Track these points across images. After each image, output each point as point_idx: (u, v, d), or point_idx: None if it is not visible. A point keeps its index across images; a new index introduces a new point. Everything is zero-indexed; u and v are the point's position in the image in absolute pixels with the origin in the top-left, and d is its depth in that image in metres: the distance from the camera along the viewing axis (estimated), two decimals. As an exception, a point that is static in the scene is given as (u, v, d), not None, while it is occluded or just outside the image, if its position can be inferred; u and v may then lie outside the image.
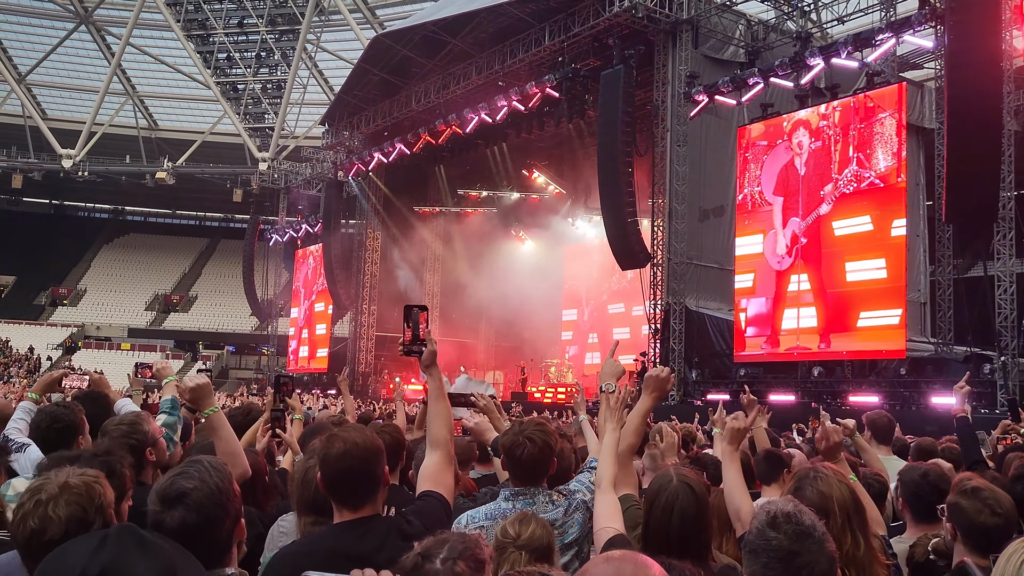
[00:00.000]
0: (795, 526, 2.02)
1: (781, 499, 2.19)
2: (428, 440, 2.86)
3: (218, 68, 45.68)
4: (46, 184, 50.30)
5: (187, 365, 46.28)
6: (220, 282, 53.52)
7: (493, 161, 32.99)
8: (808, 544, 2.00)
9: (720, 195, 22.77)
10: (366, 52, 32.15)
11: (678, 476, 2.80)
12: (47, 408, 4.04)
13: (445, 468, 2.86)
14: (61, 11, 46.72)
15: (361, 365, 35.11)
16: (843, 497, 2.59)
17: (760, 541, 2.04)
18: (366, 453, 2.59)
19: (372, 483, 2.61)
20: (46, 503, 2.12)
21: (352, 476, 2.58)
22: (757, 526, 2.07)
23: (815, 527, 2.04)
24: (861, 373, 18.67)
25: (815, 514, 2.12)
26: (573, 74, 23.78)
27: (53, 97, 51.57)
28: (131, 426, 3.45)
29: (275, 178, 41.17)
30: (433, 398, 2.97)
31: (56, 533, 2.08)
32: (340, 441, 2.60)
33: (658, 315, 22.43)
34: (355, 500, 2.59)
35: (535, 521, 2.72)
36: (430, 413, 2.94)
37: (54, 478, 2.19)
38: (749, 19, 23.12)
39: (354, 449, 2.57)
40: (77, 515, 2.12)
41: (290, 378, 5.00)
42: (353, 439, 2.60)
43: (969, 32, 16.00)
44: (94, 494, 2.18)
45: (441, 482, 2.81)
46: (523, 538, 2.65)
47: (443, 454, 2.87)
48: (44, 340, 46.26)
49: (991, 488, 3.00)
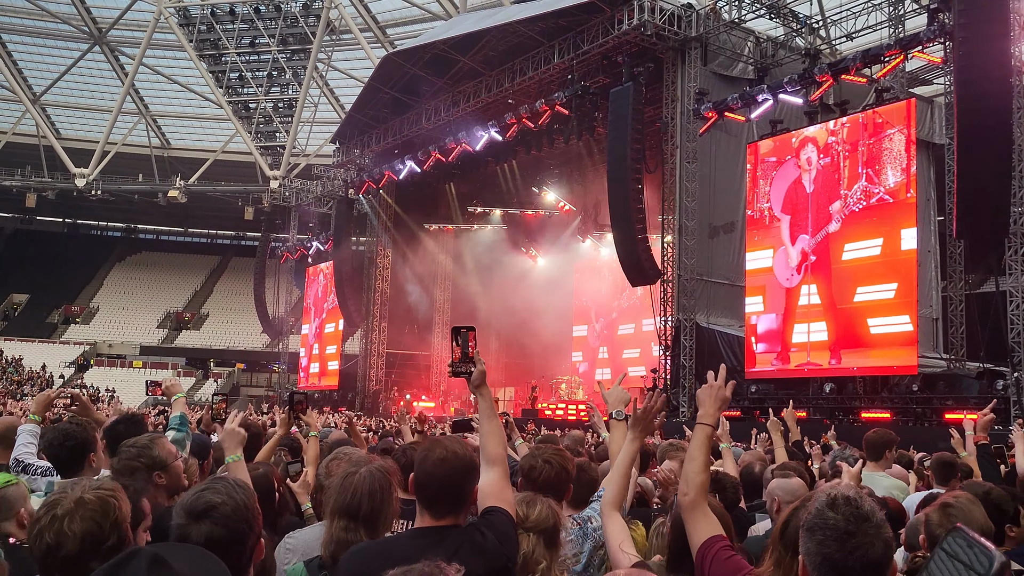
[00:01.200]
0: (854, 509, 2.03)
1: (844, 487, 2.21)
2: (483, 458, 2.89)
3: (230, 87, 46.03)
4: (59, 203, 50.71)
5: (198, 382, 46.39)
6: (231, 300, 53.73)
7: (503, 178, 33.11)
8: (865, 527, 2.01)
9: (730, 211, 22.77)
10: (377, 71, 32.37)
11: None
12: (60, 426, 4.04)
13: (505, 484, 2.87)
14: (75, 32, 47.22)
15: (371, 382, 35.12)
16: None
17: (817, 519, 2.05)
18: (462, 466, 2.66)
19: (460, 495, 2.67)
20: (61, 518, 2.11)
21: (444, 484, 2.64)
22: (817, 507, 2.08)
23: (874, 513, 2.05)
24: (873, 389, 18.57)
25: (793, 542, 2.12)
26: (583, 92, 23.88)
27: (67, 117, 52.06)
28: (141, 448, 3.41)
29: (286, 196, 41.37)
30: (485, 417, 2.99)
31: (72, 549, 2.08)
32: (442, 448, 2.68)
33: (668, 332, 22.40)
34: (440, 508, 2.64)
35: (540, 502, 2.77)
36: (483, 432, 2.96)
37: (70, 492, 2.19)
38: (758, 36, 23.19)
39: (452, 459, 2.64)
40: (92, 531, 2.12)
41: (304, 395, 5.02)
42: (454, 449, 2.68)
43: (978, 48, 16.01)
44: (109, 509, 2.17)
45: (503, 498, 2.82)
46: (531, 520, 2.70)
47: (500, 471, 2.87)
48: (57, 358, 46.47)
49: (965, 507, 2.95)
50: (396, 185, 33.59)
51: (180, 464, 3.54)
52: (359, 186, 33.95)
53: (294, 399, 4.90)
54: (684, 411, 20.76)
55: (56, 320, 52.71)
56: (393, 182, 32.83)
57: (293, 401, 4.88)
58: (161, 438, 3.58)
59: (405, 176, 31.36)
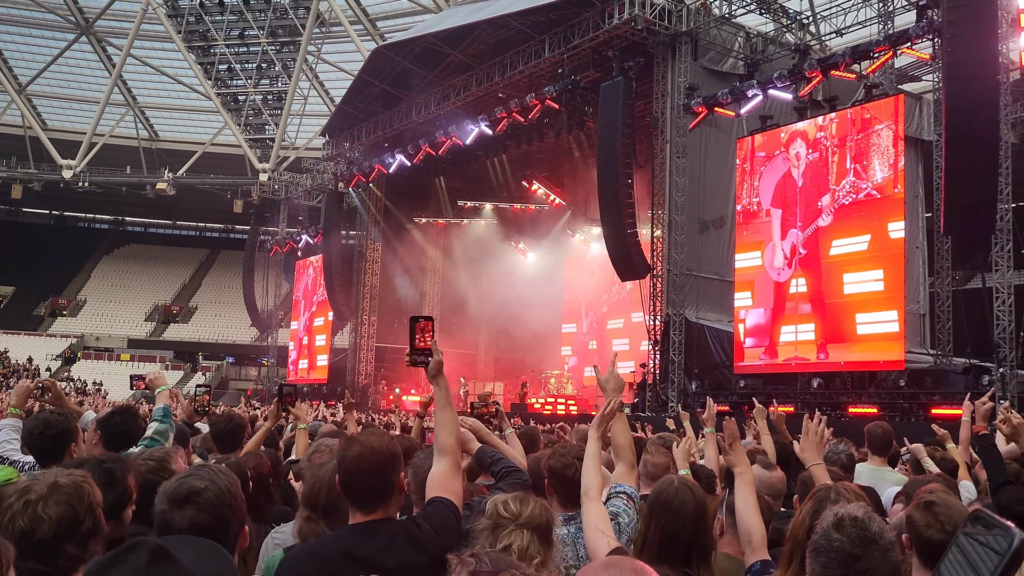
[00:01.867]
0: (860, 531, 2.02)
1: (853, 504, 2.19)
2: (436, 448, 2.91)
3: (219, 79, 45.78)
4: (46, 195, 50.33)
5: (187, 376, 46.24)
6: (220, 293, 53.55)
7: (493, 172, 33.08)
8: (871, 550, 2.00)
9: (720, 206, 22.82)
10: (367, 64, 32.27)
11: (680, 479, 2.84)
12: (41, 414, 4.02)
13: (453, 475, 2.90)
14: (62, 22, 46.86)
15: (360, 376, 35.09)
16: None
17: (824, 541, 2.04)
18: (382, 458, 2.63)
19: (386, 487, 2.64)
20: (35, 503, 2.10)
21: (366, 479, 2.62)
22: (823, 527, 2.07)
23: (882, 535, 2.03)
24: (861, 384, 18.67)
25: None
26: (573, 86, 23.87)
27: (53, 108, 51.69)
28: (159, 463, 3.30)
29: (275, 189, 41.22)
30: (440, 407, 3.01)
31: (46, 533, 2.07)
32: (359, 444, 2.64)
33: (658, 326, 22.45)
34: (369, 503, 2.62)
35: (533, 500, 2.79)
36: (437, 422, 2.97)
37: (42, 478, 2.18)
38: (748, 31, 23.23)
39: (371, 453, 2.61)
40: (68, 515, 2.11)
41: (293, 388, 5.02)
42: (371, 443, 2.65)
43: (967, 45, 16.08)
44: (83, 494, 2.16)
45: (450, 489, 2.85)
46: (524, 516, 2.71)
47: (451, 461, 2.90)
48: (43, 351, 46.24)
49: (947, 503, 2.95)
50: (386, 179, 33.50)
51: None
52: (349, 179, 33.86)
53: (283, 392, 4.90)
54: (672, 406, 20.81)
55: (43, 313, 52.43)
56: (383, 175, 32.75)
57: (282, 394, 4.88)
58: (171, 451, 3.52)
59: (395, 170, 31.29)
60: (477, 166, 32.08)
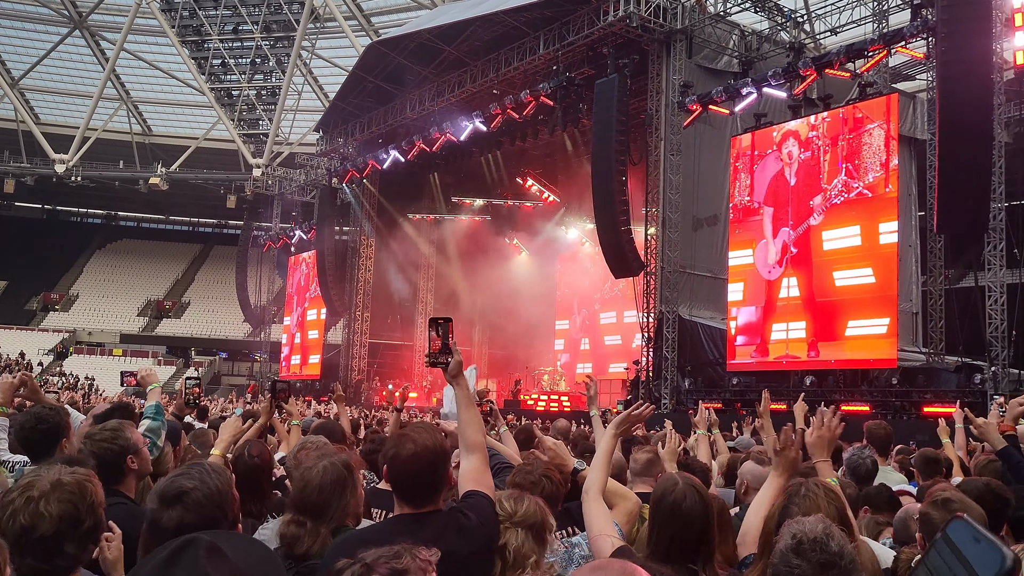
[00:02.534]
0: (821, 555, 1.96)
1: (811, 520, 2.11)
2: (463, 446, 2.91)
3: (213, 74, 45.64)
4: (39, 189, 50.18)
5: (179, 371, 46.14)
6: (213, 288, 53.42)
7: (487, 169, 33.08)
8: (831, 574, 1.94)
9: (713, 204, 22.86)
10: (361, 59, 32.20)
11: (684, 479, 2.83)
12: (32, 409, 4.00)
13: (484, 470, 2.91)
14: (55, 16, 46.65)
15: (354, 372, 35.05)
16: (830, 514, 2.59)
17: (783, 567, 1.99)
18: (434, 456, 2.64)
19: (437, 483, 2.66)
20: (38, 500, 2.09)
21: (419, 478, 2.63)
22: (782, 549, 2.02)
23: (843, 555, 1.97)
24: (853, 382, 18.72)
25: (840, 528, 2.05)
26: (567, 83, 23.85)
27: (47, 102, 51.44)
28: (113, 432, 3.39)
29: (269, 184, 41.12)
30: (463, 406, 3.01)
31: (47, 530, 2.06)
32: (411, 443, 2.65)
33: (651, 324, 22.48)
34: (421, 498, 2.64)
35: (528, 498, 2.79)
36: (461, 420, 2.97)
37: (45, 475, 2.16)
38: (743, 29, 23.25)
39: (424, 452, 2.63)
40: (69, 513, 2.10)
41: (287, 384, 5.01)
42: (424, 441, 2.65)
43: (961, 44, 16.11)
44: (86, 492, 2.15)
45: (483, 482, 2.85)
46: (519, 514, 2.72)
47: (479, 457, 2.91)
48: (35, 345, 46.07)
49: (962, 499, 2.96)
50: (380, 174, 33.45)
51: (146, 450, 3.54)
52: (342, 175, 33.81)
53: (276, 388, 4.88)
54: (666, 403, 20.86)
55: (35, 307, 52.24)
56: (377, 171, 32.71)
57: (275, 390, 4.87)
58: (127, 421, 3.57)
59: (389, 165, 31.25)
60: (471, 162, 32.08)
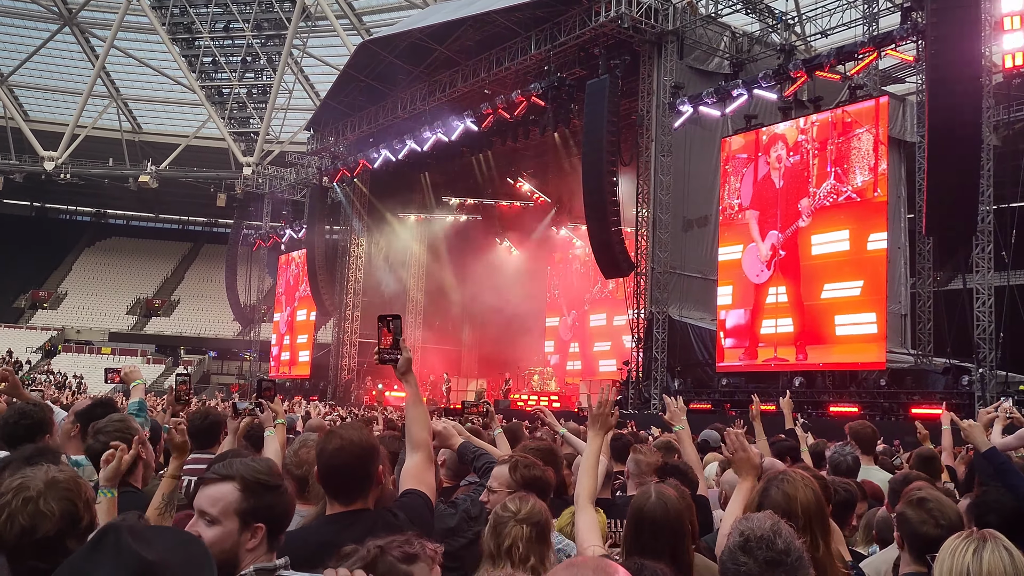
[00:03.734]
0: (767, 552, 1.95)
1: (760, 516, 2.12)
2: (408, 443, 2.95)
3: (203, 72, 45.53)
4: (27, 186, 49.91)
5: (168, 370, 45.96)
6: (202, 287, 53.25)
7: (478, 169, 33.02)
8: (778, 572, 1.94)
9: (704, 205, 22.89)
10: (352, 58, 32.14)
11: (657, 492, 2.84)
12: (16, 405, 3.99)
13: (426, 468, 2.97)
14: (45, 12, 46.43)
15: (343, 371, 34.96)
16: (807, 500, 2.60)
17: (731, 564, 1.99)
18: (361, 451, 2.68)
19: (364, 480, 2.70)
20: (35, 499, 2.01)
21: (346, 472, 2.68)
22: (730, 546, 2.01)
23: (789, 551, 1.96)
24: (842, 384, 18.78)
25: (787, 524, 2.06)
26: (559, 83, 23.86)
27: (36, 99, 51.20)
28: (122, 422, 3.45)
29: (259, 183, 41.00)
30: (411, 404, 3.04)
31: (50, 529, 1.99)
32: (337, 438, 2.71)
33: (641, 324, 22.50)
34: (347, 495, 2.69)
35: (532, 499, 2.82)
36: (409, 418, 2.99)
37: (33, 474, 2.08)
38: (734, 31, 23.30)
39: (349, 446, 2.67)
40: (69, 510, 2.04)
41: (272, 383, 5.00)
42: (350, 437, 2.70)
43: (950, 47, 16.18)
44: (80, 489, 2.10)
45: (424, 481, 2.92)
46: (523, 512, 2.73)
47: (424, 455, 2.97)
48: (23, 343, 45.83)
49: (938, 499, 2.97)
50: (370, 174, 33.39)
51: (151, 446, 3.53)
52: (333, 174, 33.74)
53: (262, 386, 4.86)
54: (655, 403, 20.87)
55: (23, 305, 51.96)
56: (367, 170, 32.64)
57: (261, 388, 4.85)
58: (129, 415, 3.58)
59: (380, 165, 31.20)
60: (462, 162, 32.03)
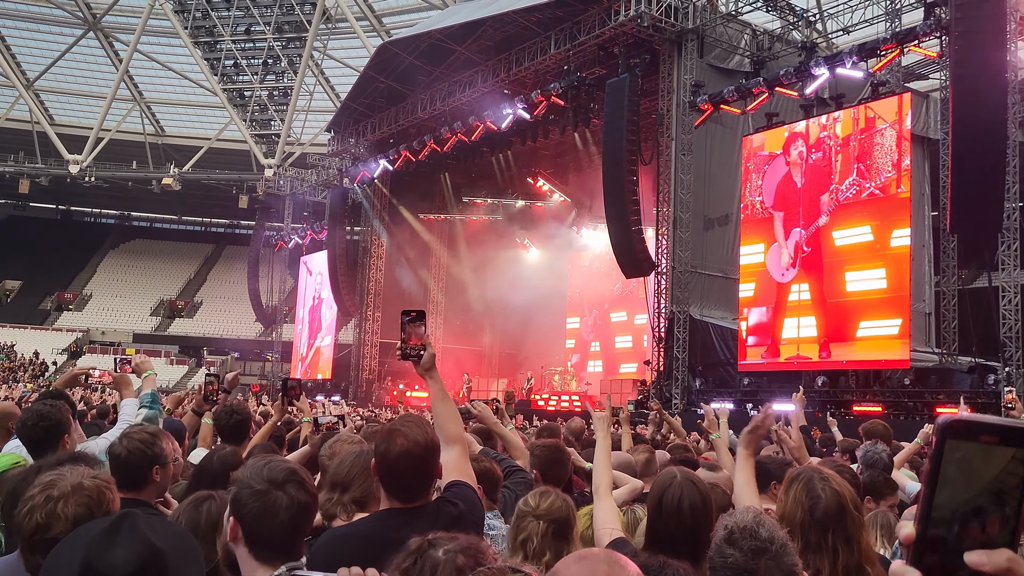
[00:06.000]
0: (751, 541, 2.01)
1: (742, 511, 2.18)
2: (442, 438, 2.92)
3: (225, 75, 45.84)
4: (53, 189, 50.48)
5: (191, 371, 46.35)
6: (225, 288, 53.61)
7: (498, 169, 33.06)
8: (764, 560, 1.99)
9: (725, 204, 22.80)
10: (372, 60, 32.27)
11: (682, 473, 2.84)
12: (34, 406, 4.02)
13: (464, 461, 2.93)
14: (70, 18, 46.93)
15: (365, 372, 35.12)
16: (851, 494, 2.59)
17: (718, 559, 2.04)
18: (425, 452, 2.61)
19: (429, 478, 2.64)
20: (57, 499, 2.13)
21: (410, 473, 2.61)
22: (716, 542, 2.07)
23: (773, 540, 2.02)
24: (865, 383, 18.64)
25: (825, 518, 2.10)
26: (578, 82, 23.84)
27: (61, 103, 51.75)
28: (151, 436, 3.30)
29: (281, 184, 41.24)
30: (438, 400, 3.03)
31: (61, 531, 2.09)
32: (402, 438, 2.61)
33: (662, 324, 22.45)
34: (409, 495, 2.61)
35: (555, 495, 2.81)
36: (438, 414, 2.99)
37: (68, 476, 2.19)
38: (754, 29, 23.17)
39: (415, 448, 2.59)
40: (84, 516, 2.13)
41: (297, 382, 5.04)
42: (415, 437, 2.62)
43: (974, 43, 16.02)
44: (104, 500, 2.19)
45: (465, 472, 2.87)
46: (542, 508, 2.72)
47: (460, 448, 2.93)
48: (49, 345, 46.36)
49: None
50: (391, 174, 33.51)
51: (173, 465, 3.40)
52: (354, 175, 33.90)
53: (287, 386, 4.90)
54: (676, 403, 20.82)
55: (49, 307, 52.54)
56: (388, 171, 32.77)
57: (286, 388, 4.89)
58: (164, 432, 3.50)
59: (400, 165, 31.31)
60: (482, 162, 32.06)
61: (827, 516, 2.47)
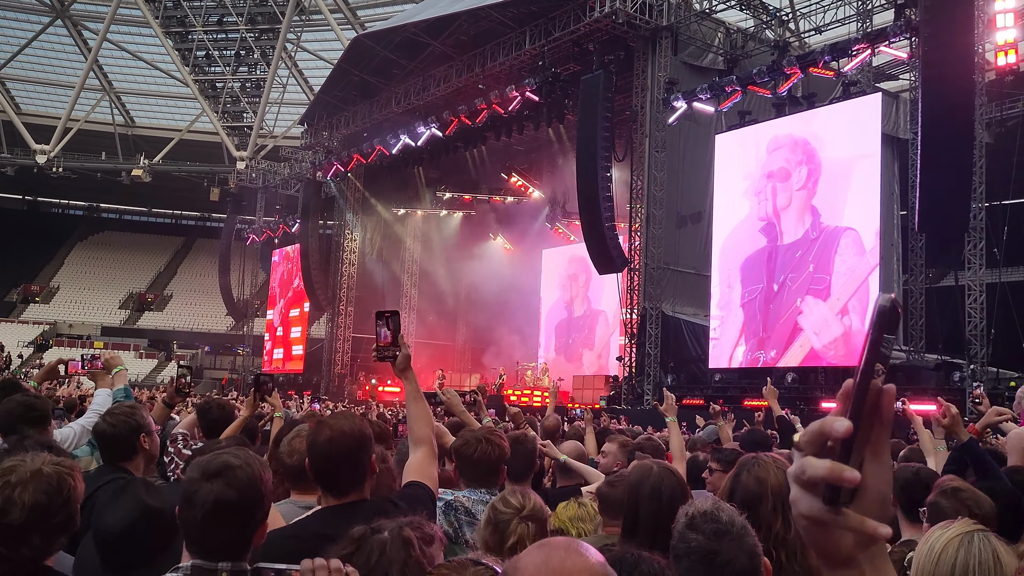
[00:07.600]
0: (713, 524, 2.04)
1: (700, 498, 2.22)
2: (411, 439, 2.95)
3: (197, 66, 45.33)
4: (19, 180, 49.66)
5: (160, 365, 45.88)
6: (195, 281, 53.10)
7: (472, 164, 33.01)
8: (726, 542, 2.02)
9: (697, 201, 22.93)
10: (346, 53, 32.08)
11: (658, 464, 2.86)
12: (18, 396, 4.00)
13: (429, 462, 2.96)
14: (37, 5, 46.16)
15: (337, 366, 34.96)
16: (778, 483, 2.64)
17: (682, 545, 2.06)
18: (352, 442, 2.58)
19: (358, 470, 2.61)
20: (14, 486, 2.08)
21: (338, 463, 2.58)
22: (679, 529, 2.09)
23: (733, 522, 2.05)
24: (835, 380, 18.83)
25: (742, 503, 2.15)
26: (553, 78, 23.86)
27: (28, 92, 50.93)
28: (131, 409, 3.48)
29: (253, 177, 40.91)
30: (411, 400, 3.05)
31: (17, 519, 2.05)
32: (328, 428, 2.60)
33: (634, 320, 22.54)
34: (341, 487, 2.60)
35: (533, 495, 2.82)
36: (410, 415, 3.00)
37: (28, 462, 2.15)
38: (728, 27, 23.30)
39: (340, 437, 2.57)
40: (41, 503, 2.08)
41: (270, 377, 5.01)
42: (341, 427, 2.60)
43: (943, 44, 16.24)
44: (64, 486, 2.14)
45: (427, 474, 2.90)
46: (527, 510, 2.71)
47: (427, 450, 2.97)
48: (15, 337, 45.59)
49: (972, 489, 2.99)
50: (364, 168, 33.37)
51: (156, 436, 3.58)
52: (327, 168, 33.70)
53: (259, 381, 4.87)
54: (648, 399, 20.93)
55: (15, 299, 51.77)
56: (361, 165, 32.62)
57: (259, 383, 4.86)
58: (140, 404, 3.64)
59: (373, 159, 31.17)
60: (456, 157, 31.97)
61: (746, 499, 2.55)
